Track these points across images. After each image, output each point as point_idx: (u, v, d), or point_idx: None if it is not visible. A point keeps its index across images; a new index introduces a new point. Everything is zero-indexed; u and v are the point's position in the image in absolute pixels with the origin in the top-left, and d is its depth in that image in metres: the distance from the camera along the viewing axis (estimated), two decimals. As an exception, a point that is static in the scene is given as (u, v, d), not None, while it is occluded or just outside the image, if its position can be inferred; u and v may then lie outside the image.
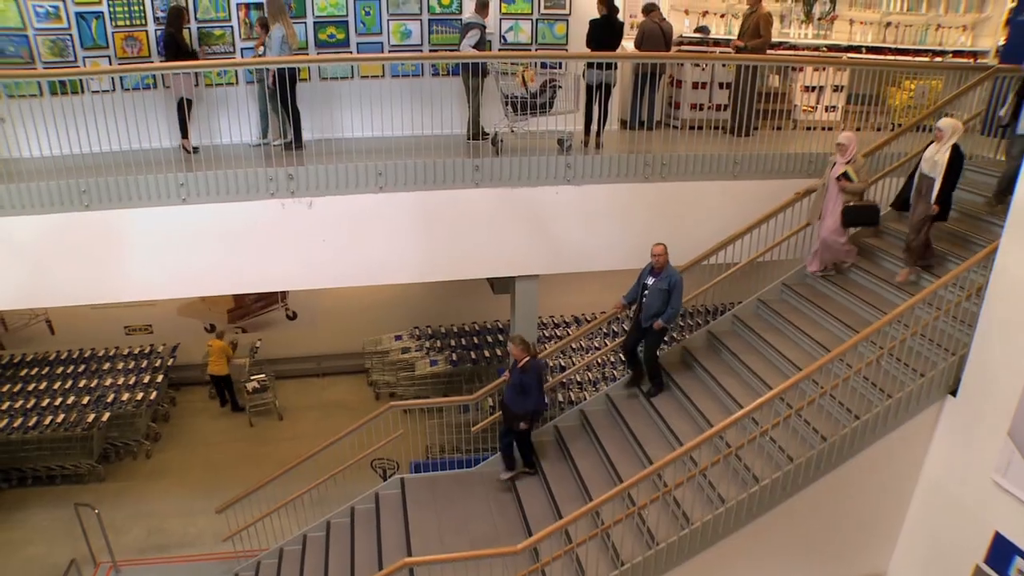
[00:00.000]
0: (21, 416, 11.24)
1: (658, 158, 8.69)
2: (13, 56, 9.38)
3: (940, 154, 7.38)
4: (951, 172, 7.34)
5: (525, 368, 7.93)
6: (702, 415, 7.73)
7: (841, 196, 8.12)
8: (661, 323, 8.06)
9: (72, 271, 8.08)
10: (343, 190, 8.07)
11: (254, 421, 12.51)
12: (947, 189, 7.39)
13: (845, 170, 8.04)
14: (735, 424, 6.66)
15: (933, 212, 7.40)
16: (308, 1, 9.77)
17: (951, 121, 7.51)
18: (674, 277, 7.99)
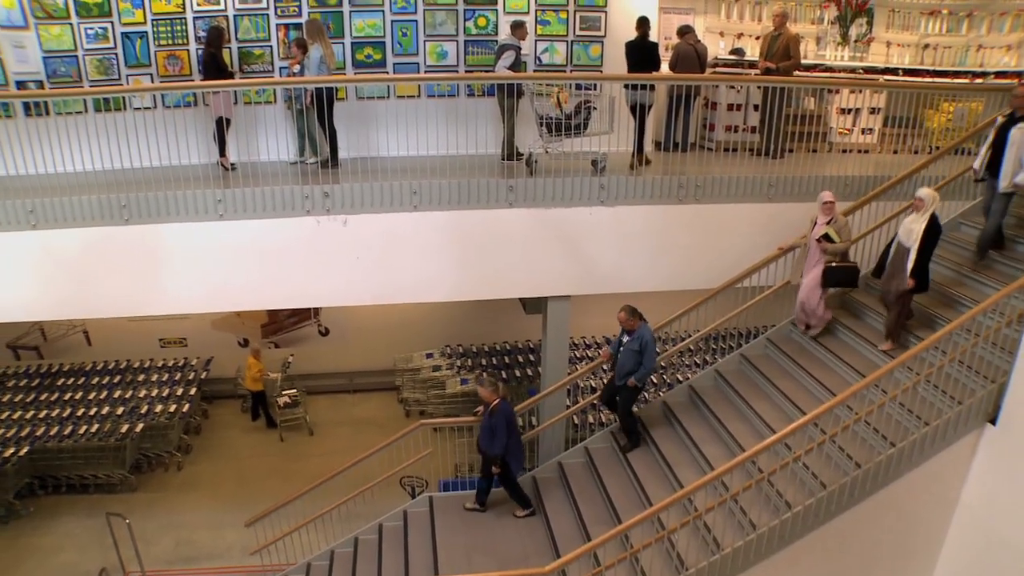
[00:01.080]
0: (57, 425, 11.44)
1: (692, 180, 8.64)
2: (63, 75, 9.69)
3: (917, 223, 7.24)
4: (927, 243, 7.20)
5: (494, 411, 7.98)
6: (734, 439, 7.64)
7: (823, 257, 8.04)
8: (633, 381, 8.14)
9: (111, 284, 8.23)
10: (378, 208, 8.13)
11: (285, 436, 12.60)
12: (923, 261, 7.23)
13: (826, 231, 7.95)
14: (767, 449, 6.56)
15: (908, 286, 7.26)
16: (346, 22, 9.94)
17: (931, 191, 7.37)
18: (645, 337, 8.04)
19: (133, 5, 9.69)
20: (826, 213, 8.01)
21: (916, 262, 7.19)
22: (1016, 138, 7.47)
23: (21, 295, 8.21)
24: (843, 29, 12.78)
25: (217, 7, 9.76)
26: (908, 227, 7.33)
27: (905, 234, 7.34)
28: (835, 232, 7.94)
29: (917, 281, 7.22)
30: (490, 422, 7.97)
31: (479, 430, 8.26)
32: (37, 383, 12.97)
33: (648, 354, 8.01)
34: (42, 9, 9.59)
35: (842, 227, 8.01)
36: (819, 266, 8.07)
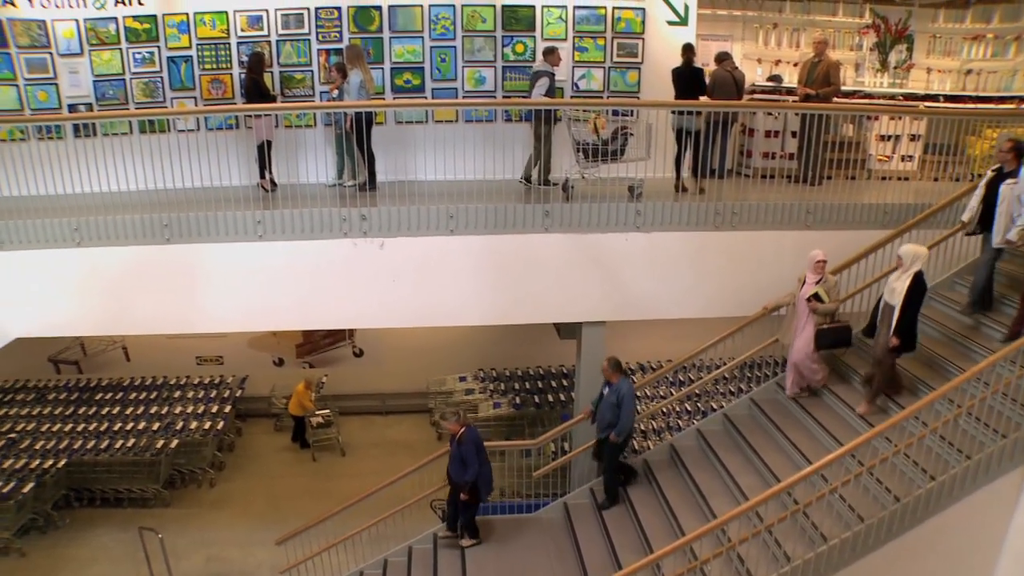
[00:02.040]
0: (94, 439, 11.60)
1: (729, 207, 8.59)
2: (111, 98, 9.98)
3: (900, 282, 7.09)
4: (910, 302, 7.03)
5: (461, 440, 7.99)
6: (769, 469, 7.51)
7: (812, 317, 7.90)
8: (614, 436, 8.12)
9: (151, 301, 8.40)
10: (414, 232, 8.20)
11: (317, 456, 12.65)
12: (907, 320, 7.05)
13: (816, 291, 7.82)
14: (803, 480, 6.44)
15: (892, 344, 7.10)
16: (386, 48, 10.11)
17: (913, 248, 7.19)
18: (623, 391, 8.03)
19: (179, 30, 9.98)
20: (816, 272, 7.88)
21: (900, 321, 7.04)
22: (1006, 194, 7.35)
23: (64, 311, 8.42)
24: (882, 56, 12.70)
25: (260, 32, 10.01)
26: (891, 285, 7.22)
27: (889, 292, 7.23)
28: (824, 292, 7.80)
29: (902, 340, 7.06)
30: (459, 451, 8.01)
31: (449, 460, 8.30)
32: (76, 397, 13.17)
33: (625, 408, 8.02)
34: (96, 36, 9.92)
35: (831, 287, 7.89)
36: (809, 327, 7.93)
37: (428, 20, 10.13)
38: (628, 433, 8.31)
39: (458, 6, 10.13)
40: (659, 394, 12.16)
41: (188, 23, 10.01)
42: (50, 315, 8.40)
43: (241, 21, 10.00)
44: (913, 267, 7.03)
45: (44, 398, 13.21)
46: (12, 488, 10.16)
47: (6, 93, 10.12)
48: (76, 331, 11.21)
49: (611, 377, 8.12)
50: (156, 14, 10.00)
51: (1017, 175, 7.36)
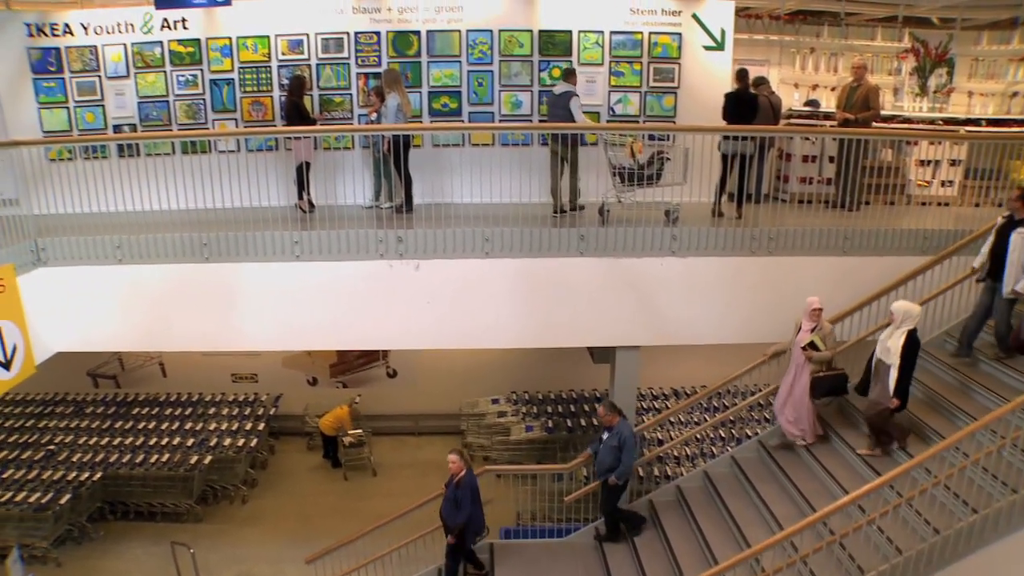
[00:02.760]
0: (130, 452, 11.75)
1: (765, 232, 8.51)
2: (155, 119, 10.22)
3: (893, 340, 6.99)
4: (905, 361, 6.93)
5: (459, 483, 7.96)
6: (805, 499, 7.38)
7: (807, 365, 7.78)
8: (614, 479, 8.08)
9: (189, 319, 8.53)
10: (450, 254, 8.24)
11: (349, 475, 12.68)
12: (903, 379, 6.95)
13: (812, 339, 7.70)
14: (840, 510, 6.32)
15: (892, 406, 7.00)
16: (424, 72, 10.25)
17: (905, 305, 7.10)
18: (624, 433, 8.00)
19: (222, 54, 10.21)
20: (812, 320, 7.78)
21: (898, 382, 6.95)
22: (1017, 243, 7.23)
23: (104, 326, 8.59)
24: (922, 80, 12.56)
25: (300, 56, 10.20)
26: (884, 344, 7.12)
27: (883, 351, 7.13)
28: (820, 340, 7.69)
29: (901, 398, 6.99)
30: (455, 494, 7.97)
31: (443, 501, 8.25)
32: (113, 411, 13.36)
33: (627, 451, 7.98)
34: (142, 60, 10.20)
35: (827, 335, 7.77)
36: (804, 375, 7.83)
37: (466, 45, 10.28)
38: (628, 476, 8.27)
39: (495, 31, 10.27)
40: (693, 420, 12.04)
41: (231, 47, 10.26)
42: (90, 330, 8.58)
43: (282, 45, 10.23)
44: (905, 324, 6.98)
45: (82, 411, 13.43)
46: (50, 499, 10.33)
47: (57, 115, 10.49)
48: (115, 346, 11.40)
49: (611, 421, 8.12)
50: (200, 38, 10.27)
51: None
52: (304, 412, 13.49)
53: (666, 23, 10.41)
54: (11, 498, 10.44)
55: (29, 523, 10.15)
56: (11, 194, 8.42)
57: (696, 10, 10.42)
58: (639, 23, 10.39)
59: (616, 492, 8.26)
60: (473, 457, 12.95)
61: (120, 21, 10.31)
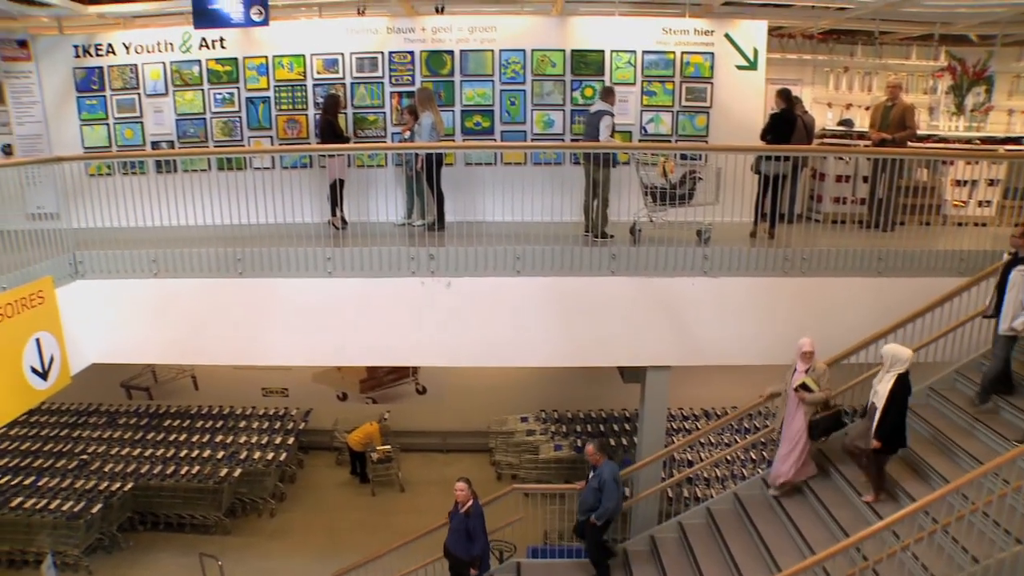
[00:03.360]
0: (161, 464, 11.89)
1: (798, 252, 8.44)
2: (192, 136, 10.41)
3: (883, 383, 6.92)
4: (893, 404, 6.85)
5: (468, 512, 7.87)
6: (837, 523, 7.26)
7: (802, 407, 7.65)
8: (594, 519, 8.00)
9: (221, 333, 8.65)
10: (481, 272, 8.26)
11: (376, 491, 12.70)
12: (889, 422, 6.87)
13: (804, 380, 7.57)
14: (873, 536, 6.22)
15: (873, 447, 6.92)
16: (457, 91, 10.33)
17: (894, 349, 7.03)
18: (604, 475, 7.95)
19: (258, 73, 10.39)
20: (804, 361, 7.67)
21: (881, 423, 6.89)
22: (1016, 280, 7.13)
23: (139, 339, 8.75)
24: (958, 99, 12.38)
25: (335, 75, 10.34)
26: (875, 387, 7.07)
27: (873, 393, 7.09)
28: (813, 381, 7.56)
29: (885, 442, 6.91)
30: (466, 523, 7.89)
31: (449, 533, 8.16)
32: (145, 422, 13.53)
33: (607, 493, 7.92)
34: (180, 78, 10.41)
35: (821, 375, 7.64)
36: (799, 416, 7.70)
37: (499, 64, 10.36)
38: (610, 516, 8.18)
39: (528, 51, 10.34)
40: (723, 441, 11.92)
41: (267, 66, 10.45)
42: (125, 342, 8.73)
43: (317, 64, 10.38)
44: (895, 368, 6.92)
45: (115, 422, 13.63)
46: (82, 508, 10.49)
47: (97, 131, 10.75)
48: (149, 358, 11.56)
49: (597, 461, 8.09)
50: (237, 57, 10.47)
51: None
52: (333, 427, 13.55)
53: (699, 43, 10.41)
54: (45, 505, 10.64)
55: (62, 531, 10.31)
56: (52, 208, 8.62)
57: (729, 30, 10.40)
58: (671, 43, 10.40)
59: (598, 530, 8.19)
60: (501, 476, 12.96)
61: (160, 40, 10.56)
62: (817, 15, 11.35)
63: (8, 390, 7.08)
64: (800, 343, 7.67)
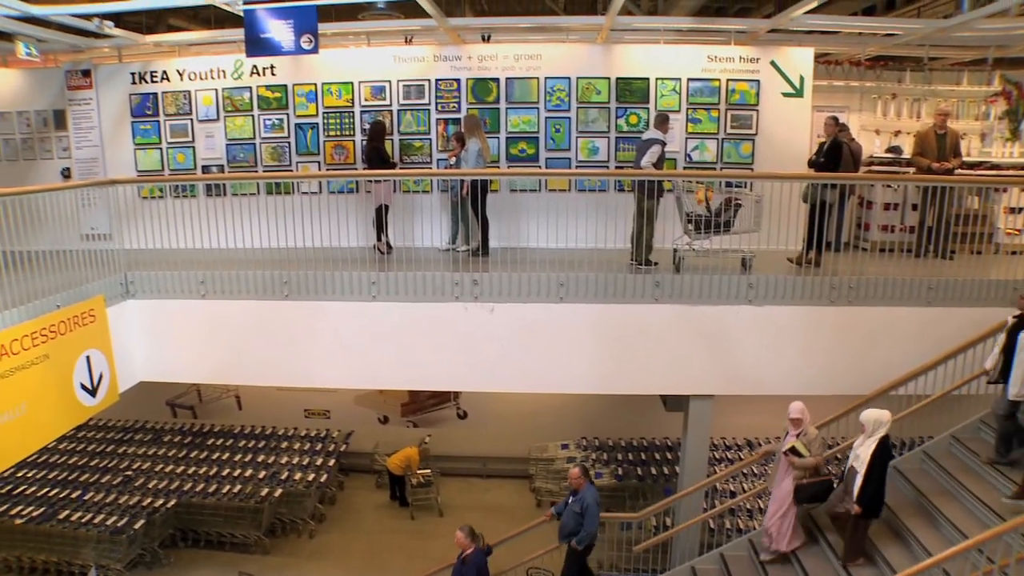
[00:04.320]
0: (203, 482, 12.01)
1: (845, 281, 8.32)
2: (241, 161, 10.65)
3: (864, 448, 6.78)
4: (874, 469, 6.72)
5: (466, 560, 7.86)
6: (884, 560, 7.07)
7: (791, 471, 7.45)
8: (575, 544, 8.03)
9: (266, 354, 8.78)
10: (524, 298, 8.28)
11: (415, 515, 12.69)
12: (870, 487, 6.75)
13: (794, 444, 7.37)
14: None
15: (854, 512, 6.78)
16: (503, 118, 10.44)
17: (875, 413, 6.89)
18: (587, 500, 7.91)
19: (307, 99, 10.60)
20: (794, 426, 7.50)
21: (863, 488, 6.76)
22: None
23: (186, 358, 8.93)
24: (1013, 124, 12.11)
25: (382, 102, 10.52)
26: (856, 451, 6.94)
27: (854, 458, 6.96)
28: (804, 446, 7.38)
29: (866, 507, 6.78)
30: (462, 571, 7.91)
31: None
32: (189, 441, 13.69)
33: (589, 517, 7.90)
34: (231, 104, 10.67)
35: (812, 440, 7.44)
36: (788, 479, 7.52)
37: (544, 92, 10.45)
38: (591, 541, 8.14)
39: (573, 78, 10.41)
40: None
41: (316, 92, 10.66)
42: (172, 361, 8.92)
43: (365, 91, 10.58)
44: (877, 432, 6.81)
45: (160, 439, 13.81)
46: (125, 523, 10.65)
47: (151, 155, 11.06)
48: (195, 378, 11.72)
49: (579, 485, 8.05)
50: (287, 84, 10.71)
51: None
52: (374, 450, 13.58)
53: (744, 70, 10.38)
54: (90, 519, 10.82)
55: (105, 545, 10.46)
56: (104, 229, 8.84)
57: (775, 57, 10.37)
58: (717, 70, 10.39)
59: (578, 556, 8.14)
60: (540, 503, 12.86)
61: (213, 68, 10.87)
62: (864, 42, 11.26)
63: (58, 406, 7.26)
64: (789, 408, 7.54)
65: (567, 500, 8.30)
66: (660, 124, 9.14)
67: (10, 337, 6.56)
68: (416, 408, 14.13)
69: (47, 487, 12.03)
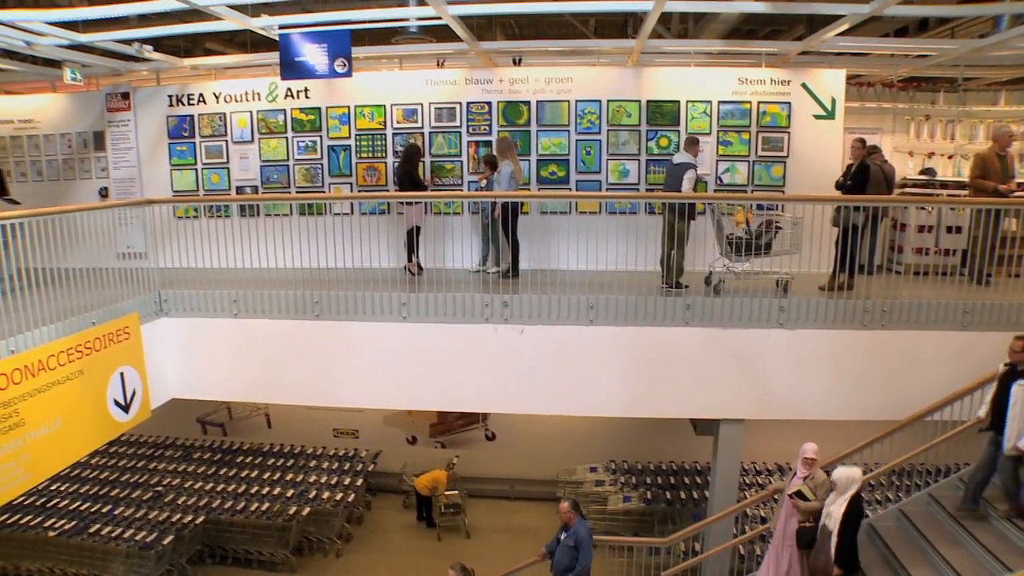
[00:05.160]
0: (232, 499, 12.06)
1: (878, 304, 8.21)
2: (275, 182, 10.82)
3: (836, 506, 6.66)
4: (848, 527, 6.60)
5: None
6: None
7: (794, 513, 7.30)
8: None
9: (296, 373, 8.84)
10: (554, 320, 8.27)
11: (442, 536, 12.64)
12: (844, 546, 6.62)
13: (800, 487, 7.22)
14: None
15: (834, 574, 6.63)
16: (533, 140, 10.51)
17: (847, 472, 6.77)
18: (580, 534, 7.77)
19: (340, 122, 10.75)
20: (805, 467, 7.35)
21: (839, 548, 6.64)
22: (1019, 396, 6.79)
23: (217, 376, 9.01)
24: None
25: (414, 124, 10.62)
26: (828, 509, 6.82)
27: (827, 516, 6.84)
28: (810, 490, 7.22)
29: (845, 566, 6.65)
30: None
31: None
32: (219, 458, 13.79)
33: (584, 551, 7.76)
34: (266, 126, 10.85)
35: (819, 485, 7.26)
36: (792, 521, 7.37)
37: (575, 114, 10.50)
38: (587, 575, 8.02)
39: (604, 101, 10.45)
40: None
41: (349, 115, 10.81)
42: (204, 379, 9.02)
43: (397, 114, 10.71)
44: (849, 491, 6.70)
45: (190, 456, 13.92)
46: (154, 538, 10.71)
47: (186, 176, 11.27)
48: (226, 396, 11.85)
49: (569, 519, 7.92)
50: (320, 107, 10.87)
51: None
52: (402, 470, 13.58)
53: (775, 92, 10.36)
54: (120, 534, 10.92)
55: (134, 560, 10.53)
56: (140, 248, 9.00)
57: (806, 79, 10.34)
58: (748, 92, 10.38)
59: None
60: (567, 527, 12.76)
61: (248, 90, 11.07)
62: (896, 63, 11.20)
63: (92, 421, 7.38)
64: (803, 448, 7.42)
65: (558, 537, 8.16)
66: (690, 147, 9.09)
67: (47, 353, 6.69)
68: (444, 429, 14.12)
69: (79, 501, 12.19)
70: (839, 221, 8.88)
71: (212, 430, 14.82)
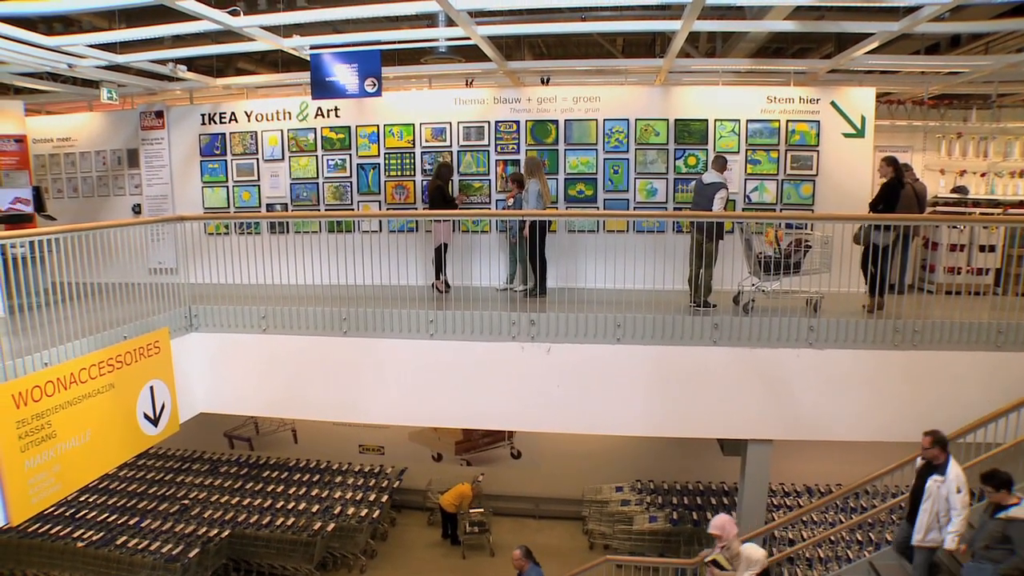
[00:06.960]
0: (257, 513, 12.14)
1: (909, 324, 8.10)
2: (304, 200, 10.94)
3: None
4: None
5: None
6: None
7: None
8: None
9: (323, 389, 8.89)
10: (581, 339, 8.25)
11: (466, 554, 12.60)
12: None
13: (715, 557, 7.08)
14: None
15: None
16: (561, 159, 10.54)
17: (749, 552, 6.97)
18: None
19: (370, 140, 10.87)
20: (718, 540, 7.19)
21: None
22: (932, 491, 6.72)
23: (245, 391, 9.09)
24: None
25: (443, 143, 10.70)
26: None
27: None
28: (726, 560, 7.08)
29: None
30: None
31: None
32: (245, 472, 13.90)
33: None
34: (296, 144, 11.00)
35: (735, 556, 7.12)
36: None
37: (602, 133, 10.52)
38: None
39: (632, 120, 10.47)
40: (827, 520, 11.36)
41: (378, 134, 10.92)
42: (232, 394, 9.09)
43: (426, 133, 10.79)
44: (753, 568, 6.79)
45: (216, 470, 14.07)
46: (180, 551, 10.82)
47: (217, 193, 11.44)
48: (253, 410, 11.91)
49: (522, 567, 7.98)
50: (350, 125, 11.00)
51: (944, 472, 6.74)
52: (427, 487, 13.58)
53: (804, 111, 10.31)
54: (147, 546, 11.05)
55: (160, 572, 10.63)
56: (171, 263, 9.14)
57: (835, 97, 10.28)
58: (776, 111, 10.35)
59: None
60: (593, 545, 12.68)
61: (279, 109, 11.22)
62: (927, 81, 11.10)
63: (121, 434, 7.46)
64: (711, 522, 7.29)
65: None
66: (720, 166, 9.06)
67: (79, 366, 6.79)
68: (470, 446, 14.11)
69: (107, 512, 12.37)
70: (860, 238, 8.83)
71: (239, 444, 14.94)
